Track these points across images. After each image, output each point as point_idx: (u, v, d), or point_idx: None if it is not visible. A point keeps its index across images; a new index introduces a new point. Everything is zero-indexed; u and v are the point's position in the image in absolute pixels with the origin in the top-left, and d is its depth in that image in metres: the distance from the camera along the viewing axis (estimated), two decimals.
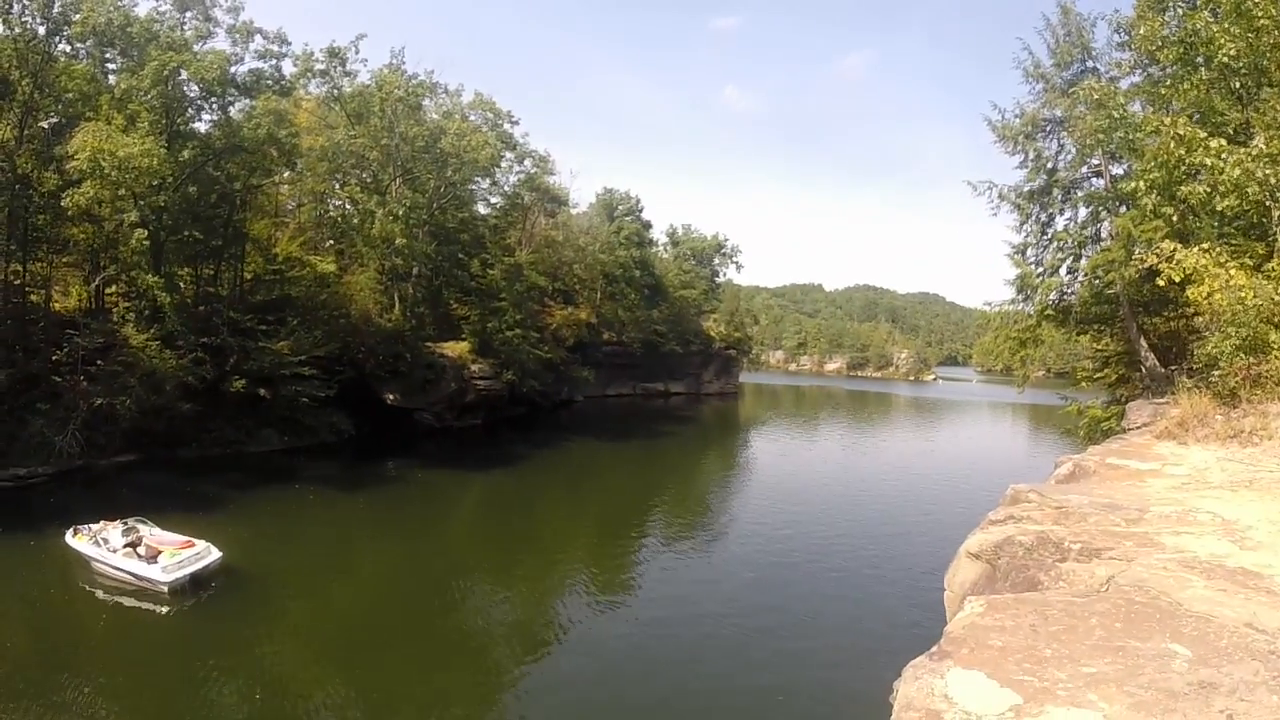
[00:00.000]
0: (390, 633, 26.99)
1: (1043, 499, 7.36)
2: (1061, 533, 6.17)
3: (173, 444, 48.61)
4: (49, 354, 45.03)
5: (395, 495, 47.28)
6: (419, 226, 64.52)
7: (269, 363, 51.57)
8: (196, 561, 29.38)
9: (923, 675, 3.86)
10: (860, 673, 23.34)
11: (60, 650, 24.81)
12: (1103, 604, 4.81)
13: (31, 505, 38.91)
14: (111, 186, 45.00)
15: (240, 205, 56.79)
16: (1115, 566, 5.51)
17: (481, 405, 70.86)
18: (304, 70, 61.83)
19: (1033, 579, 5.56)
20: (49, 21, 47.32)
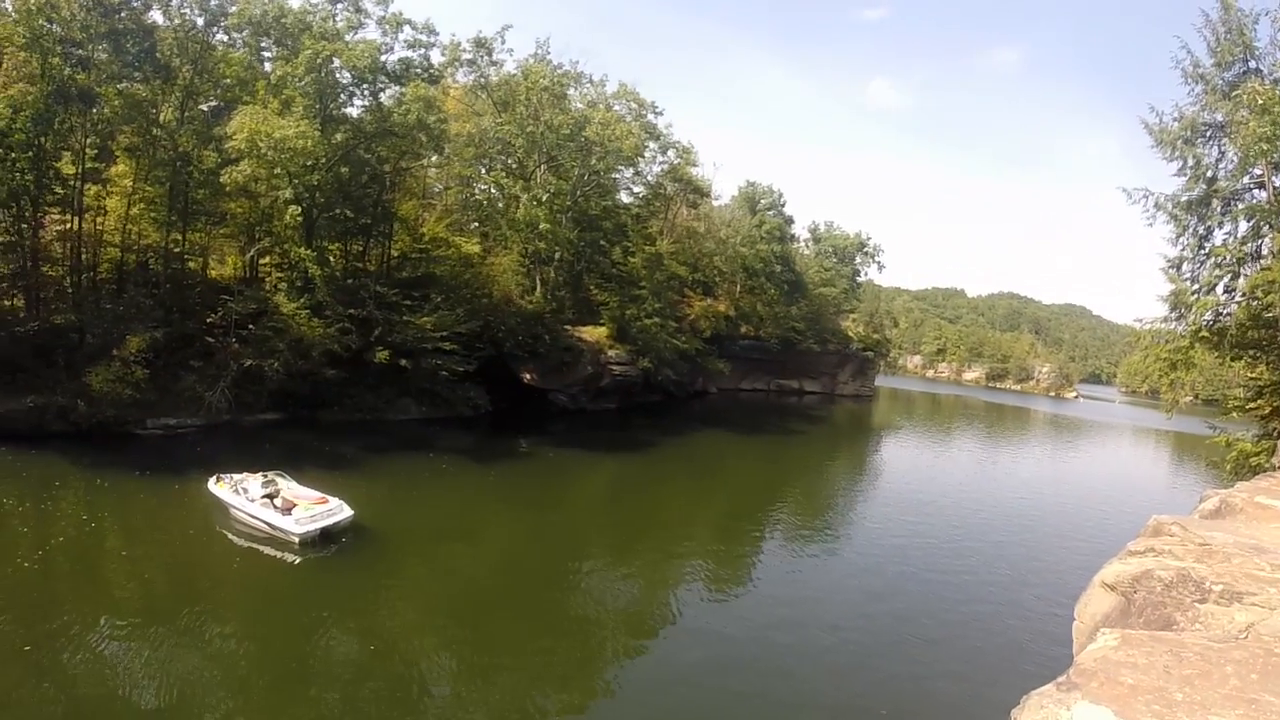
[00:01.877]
0: (504, 602, 26.93)
1: (1185, 534, 6.65)
2: (1203, 571, 5.64)
3: (315, 406, 49.77)
4: (204, 317, 47.27)
5: (525, 471, 46.79)
6: (562, 212, 63.73)
7: (412, 336, 51.83)
8: (329, 517, 29.84)
9: (1047, 705, 3.69)
10: (975, 696, 22.57)
11: (194, 587, 25.83)
12: (1240, 652, 4.43)
13: (179, 453, 40.29)
14: (267, 165, 46.93)
15: (389, 186, 57.27)
16: (1257, 613, 5.06)
17: (616, 390, 69.47)
18: (452, 59, 63.21)
19: (1169, 617, 5.15)
20: (207, 13, 49.27)
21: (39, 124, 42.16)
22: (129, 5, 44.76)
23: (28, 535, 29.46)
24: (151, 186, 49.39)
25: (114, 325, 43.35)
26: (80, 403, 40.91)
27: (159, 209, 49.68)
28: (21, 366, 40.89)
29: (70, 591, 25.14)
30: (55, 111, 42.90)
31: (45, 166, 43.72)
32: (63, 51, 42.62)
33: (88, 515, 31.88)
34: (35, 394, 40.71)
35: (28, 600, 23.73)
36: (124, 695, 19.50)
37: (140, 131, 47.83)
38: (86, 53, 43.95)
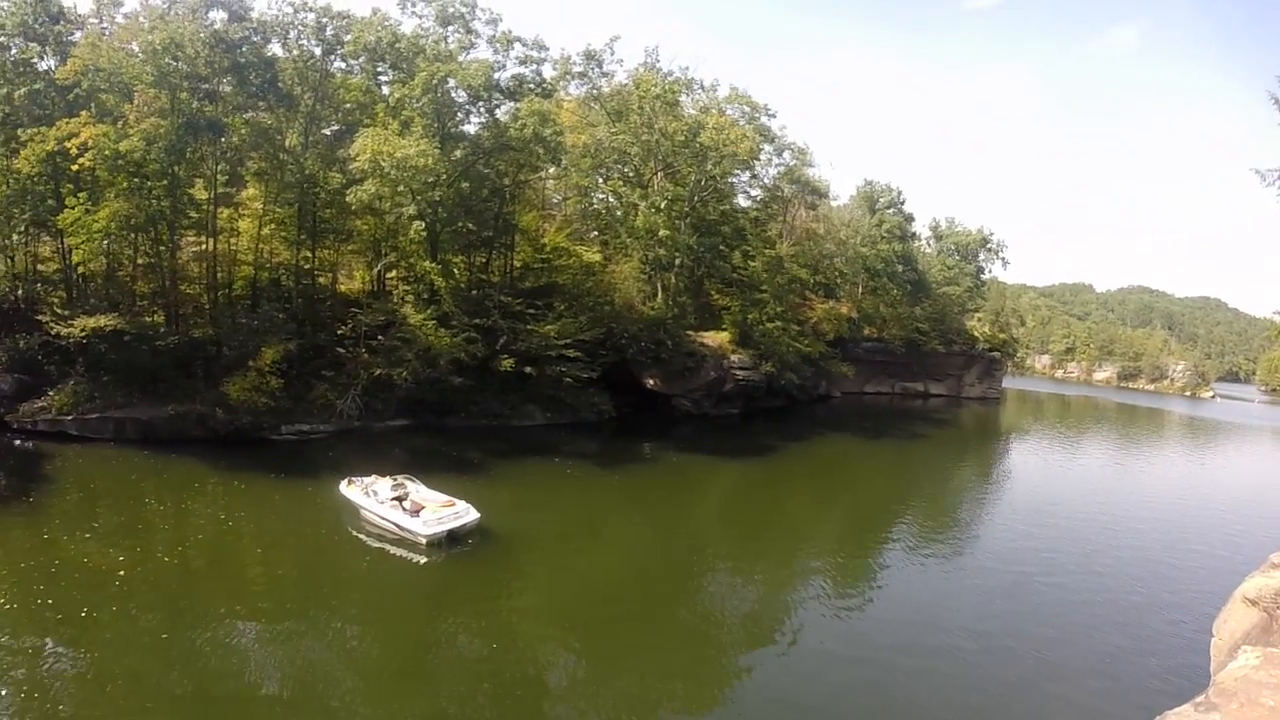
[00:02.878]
0: (625, 606, 26.68)
1: None
2: None
3: (443, 413, 50.42)
4: (335, 329, 48.86)
5: (648, 476, 45.78)
6: (681, 218, 62.01)
7: (536, 344, 51.57)
8: (456, 519, 30.04)
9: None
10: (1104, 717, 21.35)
11: (324, 584, 26.94)
12: None
13: (312, 457, 41.87)
14: (391, 184, 47.60)
15: (510, 199, 57.01)
16: None
17: (739, 395, 67.06)
18: (563, 73, 62.62)
19: None
20: (324, 43, 50.47)
21: (172, 154, 43.52)
22: (249, 40, 46.19)
23: (169, 533, 31.22)
24: (281, 208, 50.82)
25: (249, 338, 44.98)
26: (218, 410, 42.84)
27: (289, 228, 51.11)
28: (163, 377, 43.21)
29: (206, 586, 26.24)
30: (186, 142, 44.34)
31: (180, 193, 45.28)
32: (190, 86, 44.41)
33: (225, 515, 33.14)
34: (176, 403, 42.81)
35: (167, 593, 25.06)
36: (251, 683, 20.16)
37: (267, 157, 49.55)
38: (212, 86, 45.71)
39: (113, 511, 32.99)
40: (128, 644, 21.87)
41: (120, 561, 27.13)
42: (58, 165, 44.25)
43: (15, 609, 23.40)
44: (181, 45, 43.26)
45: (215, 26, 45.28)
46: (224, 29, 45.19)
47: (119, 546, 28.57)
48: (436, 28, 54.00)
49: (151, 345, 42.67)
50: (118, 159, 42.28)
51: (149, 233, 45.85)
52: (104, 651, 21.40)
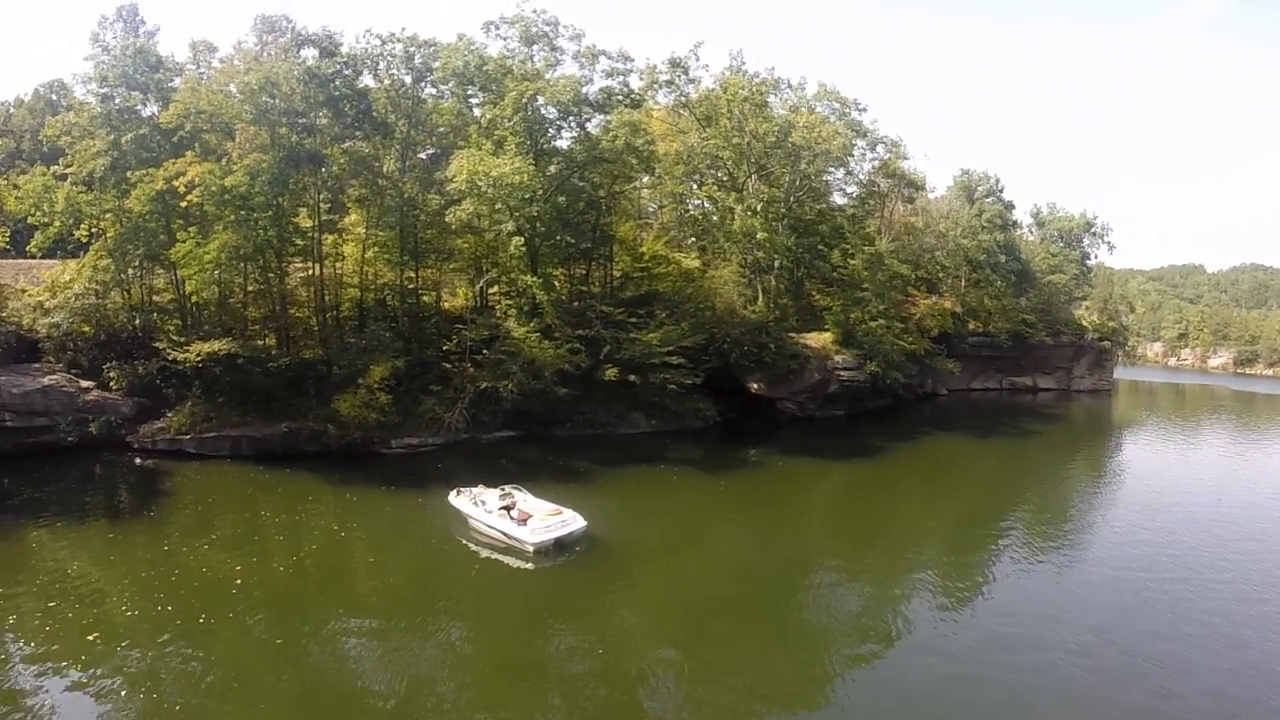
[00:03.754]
0: (732, 611, 26.08)
1: None
2: None
3: (549, 423, 50.22)
4: (440, 345, 49.70)
5: (754, 481, 44.19)
6: (777, 220, 59.95)
7: (639, 352, 50.56)
8: (563, 528, 29.94)
9: None
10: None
11: (433, 591, 27.49)
12: None
13: (422, 469, 42.25)
14: (488, 202, 48.02)
15: (606, 210, 56.18)
16: None
17: (844, 396, 64.26)
18: (650, 83, 61.69)
19: None
20: (413, 71, 51.22)
21: (275, 186, 44.62)
22: (341, 74, 47.26)
23: (283, 543, 32.25)
24: (383, 231, 51.20)
25: (358, 357, 45.81)
26: (330, 426, 44.08)
27: (391, 250, 51.60)
28: (276, 397, 44.58)
29: (319, 593, 27.08)
30: (289, 174, 45.51)
31: (285, 222, 46.94)
32: (288, 122, 45.70)
33: (338, 525, 34.20)
34: (289, 420, 44.19)
35: (283, 599, 26.04)
36: (360, 686, 20.61)
37: (367, 183, 50.24)
38: (310, 120, 46.82)
39: (229, 524, 34.27)
40: (242, 648, 22.63)
41: (236, 570, 28.08)
42: (167, 203, 46.85)
43: (137, 615, 24.38)
44: (277, 83, 44.54)
45: (307, 63, 46.57)
46: (316, 65, 46.45)
47: (235, 556, 29.58)
48: (522, 48, 54.01)
49: (264, 367, 44.14)
50: (224, 194, 44.21)
51: (258, 261, 47.30)
52: (220, 655, 22.05)
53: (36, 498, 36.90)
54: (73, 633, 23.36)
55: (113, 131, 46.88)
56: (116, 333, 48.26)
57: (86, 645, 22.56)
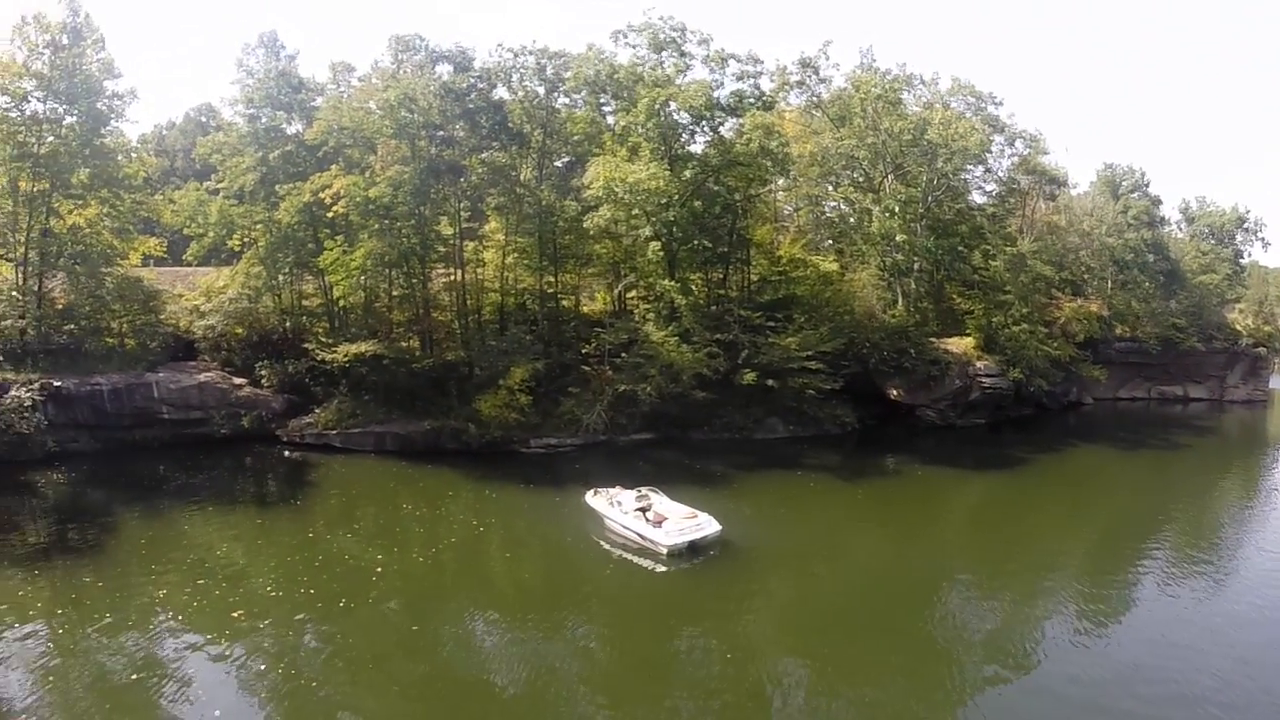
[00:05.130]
0: (864, 623, 25.28)
1: None
2: None
3: (685, 427, 49.31)
4: (579, 348, 50.22)
5: (891, 489, 42.52)
6: (915, 221, 57.37)
7: (777, 357, 49.19)
8: (697, 531, 29.72)
9: None
10: None
11: (566, 589, 27.68)
12: None
13: (559, 469, 42.54)
14: (625, 208, 48.52)
15: (741, 214, 54.83)
16: None
17: (986, 404, 60.74)
18: (781, 84, 60.53)
19: None
20: (546, 82, 52.07)
21: (417, 196, 46.72)
22: (475, 87, 48.70)
23: (422, 535, 32.98)
24: (522, 238, 51.94)
25: (499, 359, 46.61)
26: (471, 426, 45.07)
27: (531, 256, 52.23)
28: (420, 396, 46.21)
29: (455, 584, 28.13)
30: (429, 184, 47.59)
31: (427, 230, 48.91)
32: (427, 135, 47.58)
33: (476, 521, 35.00)
34: (432, 419, 45.64)
35: (420, 589, 26.90)
36: (488, 676, 21.11)
37: (505, 192, 51.29)
38: (448, 132, 48.31)
39: (371, 515, 35.96)
40: (379, 632, 23.32)
41: (377, 559, 29.07)
42: (314, 214, 49.18)
43: (281, 596, 25.61)
44: (414, 99, 46.28)
45: (443, 79, 48.33)
46: (451, 80, 48.19)
47: (376, 546, 30.76)
48: (651, 55, 53.81)
49: (408, 368, 45.94)
50: (368, 204, 46.50)
51: (401, 267, 49.30)
52: (357, 637, 22.85)
53: (190, 484, 39.72)
54: (217, 609, 24.55)
55: (260, 149, 49.78)
56: (268, 334, 51.28)
57: (230, 621, 23.63)
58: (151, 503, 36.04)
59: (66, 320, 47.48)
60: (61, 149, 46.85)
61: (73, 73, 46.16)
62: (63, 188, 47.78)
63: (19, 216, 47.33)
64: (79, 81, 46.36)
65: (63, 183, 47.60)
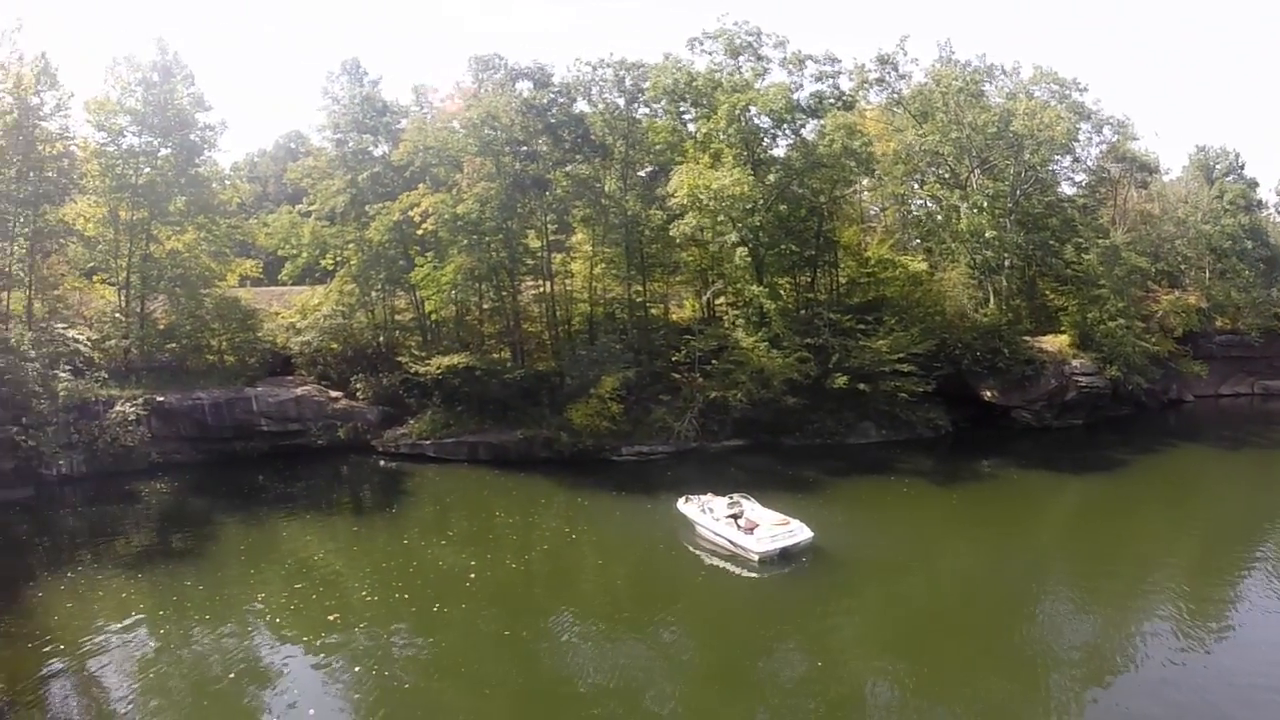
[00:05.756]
0: (954, 632, 24.74)
1: None
2: None
3: (777, 432, 48.85)
4: (669, 356, 50.68)
5: (986, 494, 41.26)
6: (1005, 216, 55.83)
7: (868, 360, 48.37)
8: (789, 538, 29.57)
9: None
10: None
11: (657, 595, 28.03)
12: None
13: (651, 476, 42.84)
14: (710, 215, 48.18)
15: (827, 216, 54.27)
16: None
17: (1082, 404, 58.54)
18: (860, 83, 59.76)
19: None
20: (625, 93, 52.65)
21: (504, 211, 47.25)
22: (556, 102, 49.68)
23: (515, 542, 33.89)
24: (609, 248, 52.88)
25: (589, 368, 46.81)
26: (563, 434, 45.38)
27: (618, 266, 52.95)
28: (511, 406, 47.00)
29: (547, 591, 28.82)
30: (515, 199, 48.18)
31: (515, 244, 49.83)
32: (511, 150, 48.40)
33: (568, 528, 35.67)
34: (524, 428, 46.29)
35: (512, 595, 27.46)
36: (578, 680, 21.50)
37: (590, 203, 52.10)
38: (531, 147, 49.04)
39: (465, 522, 37.12)
40: (471, 637, 24.05)
41: (470, 565, 29.73)
42: (404, 231, 50.13)
43: (376, 600, 26.61)
44: (497, 116, 47.35)
45: (523, 95, 49.24)
46: (531, 96, 49.18)
47: (469, 552, 31.52)
48: (728, 60, 53.89)
49: (500, 378, 46.92)
50: (456, 221, 46.96)
51: (491, 281, 50.46)
52: (449, 641, 23.71)
53: (288, 492, 41.26)
54: (314, 612, 25.61)
55: (349, 171, 51.23)
56: (362, 349, 52.93)
57: (326, 624, 24.58)
58: (251, 510, 37.80)
59: (168, 339, 50.07)
60: (158, 179, 49.43)
61: (165, 107, 48.75)
62: (161, 215, 50.34)
63: (120, 243, 50.01)
64: (171, 115, 49.01)
65: (160, 210, 50.13)
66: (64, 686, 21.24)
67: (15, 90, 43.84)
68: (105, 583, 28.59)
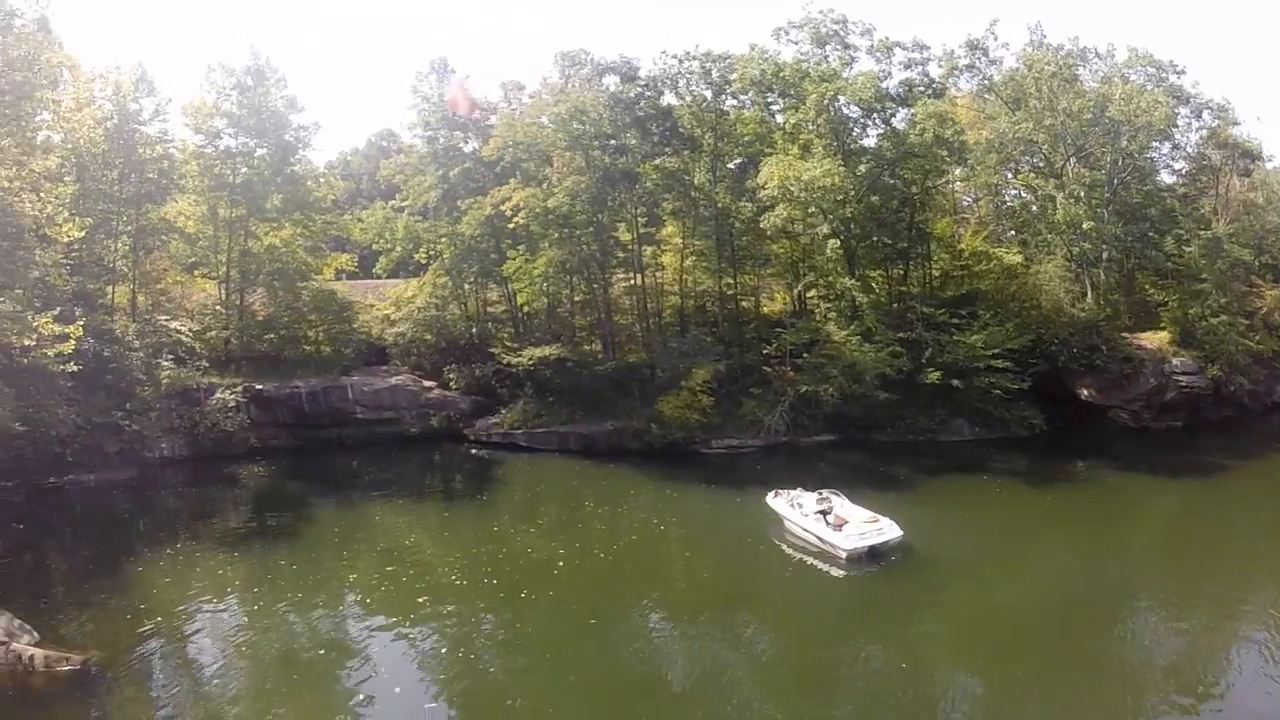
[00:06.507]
0: (1041, 639, 23.56)
1: None
2: None
3: (868, 428, 47.92)
4: (760, 349, 50.28)
5: (1080, 497, 39.51)
6: (1102, 206, 53.71)
7: (962, 355, 47.00)
8: (878, 535, 29.13)
9: None
10: None
11: (741, 588, 27.69)
12: None
13: (740, 470, 42.56)
14: (801, 206, 48.02)
15: (920, 207, 53.12)
16: None
17: (1182, 405, 56.02)
18: (949, 69, 57.87)
19: None
20: (712, 86, 52.27)
21: (594, 205, 48.45)
22: (644, 96, 50.02)
23: (603, 532, 34.36)
24: (699, 240, 53.10)
25: (679, 361, 47.15)
26: (653, 426, 45.71)
27: (708, 258, 52.82)
28: (602, 397, 47.68)
29: (633, 581, 28.70)
30: (605, 192, 49.08)
31: (606, 237, 50.84)
32: (599, 145, 48.91)
33: (656, 520, 35.81)
34: (614, 419, 46.89)
35: (599, 584, 27.76)
36: (659, 672, 21.71)
37: (680, 196, 52.40)
38: (620, 141, 49.85)
39: (554, 511, 37.65)
40: (556, 623, 24.30)
41: (559, 554, 30.11)
42: (496, 225, 51.20)
43: (464, 585, 27.10)
44: (585, 111, 47.91)
45: (610, 89, 50.15)
46: (618, 90, 49.91)
47: (558, 541, 32.05)
48: (815, 50, 52.81)
49: (591, 370, 47.76)
50: (547, 214, 47.80)
51: (582, 273, 51.53)
52: (535, 627, 24.03)
53: (382, 478, 42.35)
54: (404, 593, 26.24)
55: (440, 167, 52.52)
56: (455, 340, 54.41)
57: (415, 605, 25.19)
58: (344, 495, 39.50)
59: (267, 330, 52.09)
60: (254, 178, 51.60)
61: (259, 110, 50.88)
62: (258, 213, 52.42)
63: (220, 239, 52.37)
64: (266, 117, 51.15)
65: (258, 208, 52.23)
66: (160, 655, 22.23)
67: (115, 97, 46.47)
68: (202, 559, 30.16)
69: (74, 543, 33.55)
